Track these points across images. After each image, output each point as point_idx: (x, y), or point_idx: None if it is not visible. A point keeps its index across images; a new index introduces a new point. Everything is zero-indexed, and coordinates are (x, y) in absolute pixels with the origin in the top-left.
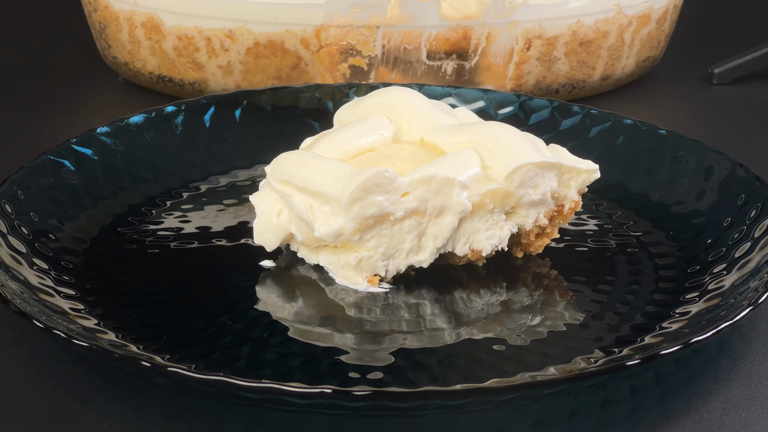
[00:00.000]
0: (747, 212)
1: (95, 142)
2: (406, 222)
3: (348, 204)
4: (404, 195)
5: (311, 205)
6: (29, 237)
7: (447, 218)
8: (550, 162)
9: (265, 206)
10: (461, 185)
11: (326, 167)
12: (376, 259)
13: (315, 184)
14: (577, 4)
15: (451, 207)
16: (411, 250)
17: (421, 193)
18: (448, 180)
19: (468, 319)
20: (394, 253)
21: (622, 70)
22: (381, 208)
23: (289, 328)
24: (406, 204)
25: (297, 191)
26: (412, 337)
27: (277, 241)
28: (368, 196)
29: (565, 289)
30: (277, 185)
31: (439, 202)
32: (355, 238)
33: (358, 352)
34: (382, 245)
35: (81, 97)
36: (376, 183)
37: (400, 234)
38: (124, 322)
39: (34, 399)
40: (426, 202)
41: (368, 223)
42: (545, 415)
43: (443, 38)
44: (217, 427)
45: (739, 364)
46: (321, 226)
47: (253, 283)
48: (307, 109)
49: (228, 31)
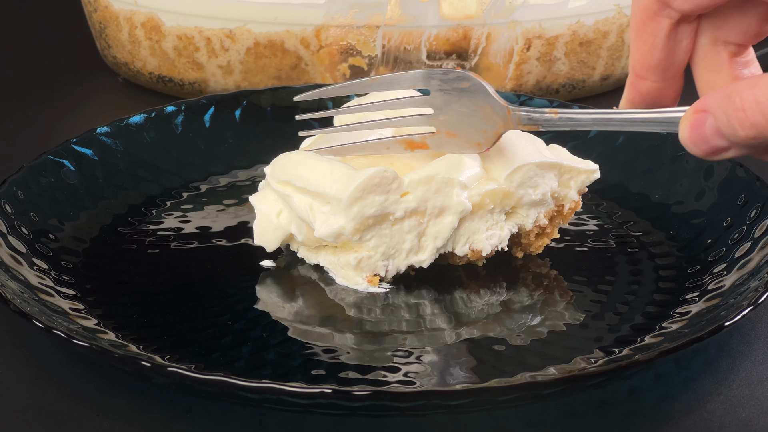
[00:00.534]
0: (747, 212)
1: (95, 142)
2: (406, 222)
3: (348, 204)
4: (404, 195)
5: (311, 206)
6: (29, 237)
7: (447, 218)
8: (550, 162)
9: (265, 207)
10: (461, 185)
11: (326, 168)
12: (376, 259)
13: (315, 184)
14: (577, 4)
15: (451, 207)
16: (411, 250)
17: (420, 193)
18: (448, 180)
19: (468, 319)
20: (394, 253)
21: (622, 70)
22: (381, 207)
23: (289, 328)
24: (405, 204)
25: (297, 192)
26: (412, 337)
27: (278, 242)
28: (368, 196)
29: (565, 289)
30: (276, 186)
31: (439, 202)
32: (355, 238)
33: (358, 352)
34: (382, 245)
35: (81, 97)
36: (376, 183)
37: (400, 234)
38: (124, 322)
39: (34, 399)
40: (426, 202)
41: (368, 223)
42: (545, 415)
43: (443, 38)
44: (218, 427)
45: (739, 364)
46: (321, 226)
47: (253, 283)
48: (307, 110)
49: (228, 31)
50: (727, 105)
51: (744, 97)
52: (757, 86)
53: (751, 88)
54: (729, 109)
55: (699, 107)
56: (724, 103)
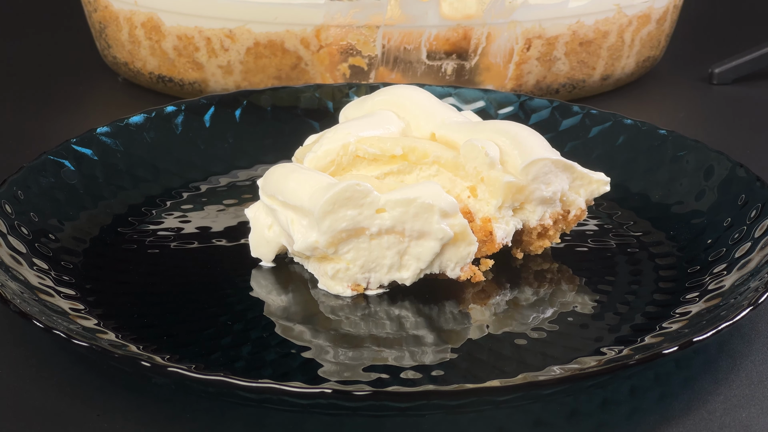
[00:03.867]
0: (747, 212)
1: (95, 142)
2: (385, 238)
3: (319, 217)
4: (379, 211)
5: (292, 220)
6: (29, 237)
7: (429, 243)
8: (565, 162)
9: (258, 219)
10: (442, 213)
11: (305, 181)
12: (354, 271)
13: (294, 198)
14: (577, 4)
15: (431, 233)
16: (392, 266)
17: (398, 214)
18: (428, 206)
19: (468, 320)
20: (375, 267)
21: (622, 70)
22: (353, 222)
23: (288, 328)
24: (380, 221)
25: (281, 206)
26: (413, 338)
27: (272, 254)
28: (339, 210)
29: (566, 289)
30: (265, 199)
31: (417, 226)
32: (330, 251)
33: (358, 353)
34: (360, 258)
35: (81, 97)
36: (347, 197)
37: (379, 249)
38: (124, 322)
39: (34, 399)
40: (403, 224)
41: (342, 237)
42: (545, 415)
43: (443, 38)
44: (217, 427)
45: (739, 364)
46: (298, 239)
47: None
48: (307, 109)
49: (228, 31)
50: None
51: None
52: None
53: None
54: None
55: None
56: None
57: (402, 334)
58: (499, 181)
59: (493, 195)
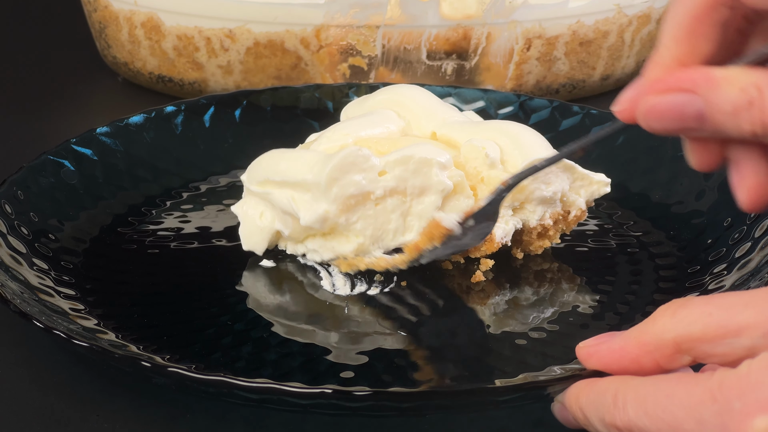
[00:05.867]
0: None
1: (95, 142)
2: (389, 201)
3: (327, 185)
4: (382, 174)
5: (292, 197)
6: (29, 237)
7: (429, 197)
8: (566, 162)
9: (247, 212)
10: (440, 165)
11: (300, 157)
12: (368, 243)
13: (292, 174)
14: (577, 4)
15: (431, 186)
16: (397, 230)
17: (398, 173)
18: (426, 160)
19: (468, 320)
20: (382, 235)
21: (623, 70)
22: (359, 186)
23: (288, 328)
24: (384, 183)
25: (276, 187)
26: (412, 338)
27: (265, 243)
28: (345, 176)
29: (566, 289)
30: (255, 188)
31: (418, 182)
32: (341, 220)
33: (358, 353)
34: (369, 227)
35: (81, 97)
36: (350, 162)
37: (384, 214)
38: (124, 322)
39: (34, 399)
40: (405, 182)
41: (350, 203)
42: (545, 415)
43: (443, 38)
44: (218, 427)
45: None
46: (305, 213)
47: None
48: (307, 109)
49: (228, 31)
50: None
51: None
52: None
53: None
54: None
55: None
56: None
57: (402, 334)
58: (500, 181)
59: None
